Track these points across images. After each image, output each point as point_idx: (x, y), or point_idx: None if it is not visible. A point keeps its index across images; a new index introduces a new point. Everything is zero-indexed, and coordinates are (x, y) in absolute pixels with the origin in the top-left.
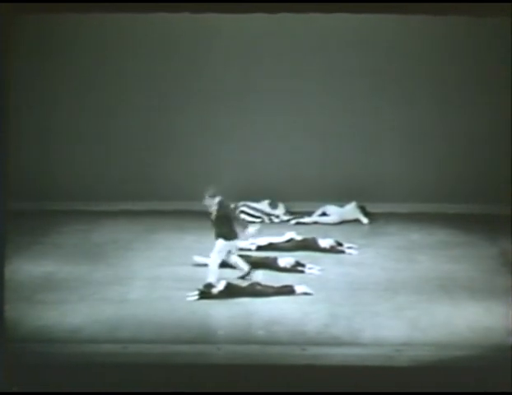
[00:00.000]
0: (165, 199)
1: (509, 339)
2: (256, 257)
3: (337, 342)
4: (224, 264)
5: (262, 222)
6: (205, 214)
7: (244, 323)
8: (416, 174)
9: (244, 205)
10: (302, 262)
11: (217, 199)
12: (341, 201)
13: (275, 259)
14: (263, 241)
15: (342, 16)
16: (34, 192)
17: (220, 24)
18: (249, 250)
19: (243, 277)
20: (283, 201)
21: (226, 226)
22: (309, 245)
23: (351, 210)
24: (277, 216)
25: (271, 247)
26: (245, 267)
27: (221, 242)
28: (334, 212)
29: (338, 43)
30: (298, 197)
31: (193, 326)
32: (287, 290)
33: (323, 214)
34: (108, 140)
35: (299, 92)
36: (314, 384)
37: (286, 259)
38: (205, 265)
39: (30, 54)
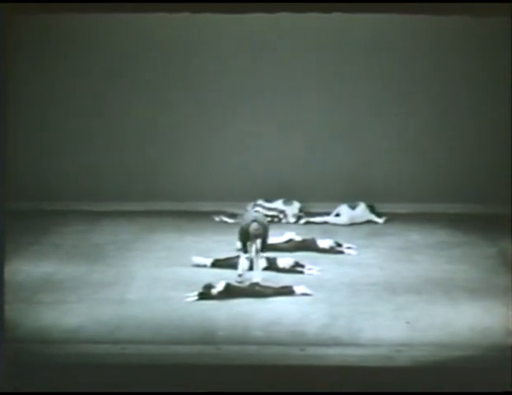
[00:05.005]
0: (165, 200)
1: (509, 339)
2: None
3: (337, 343)
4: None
5: (278, 221)
6: (205, 215)
7: (243, 324)
8: (416, 174)
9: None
10: (301, 262)
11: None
12: (340, 201)
13: (274, 260)
14: None
15: (342, 16)
16: (33, 192)
17: (220, 23)
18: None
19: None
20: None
21: None
22: (309, 246)
23: (361, 212)
24: (285, 216)
25: (270, 247)
26: (259, 276)
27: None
28: (344, 213)
29: (340, 43)
30: (298, 197)
31: (193, 326)
32: (287, 291)
33: (337, 215)
34: (108, 140)
35: (299, 92)
36: (314, 385)
37: (285, 260)
38: (204, 266)
39: (29, 54)
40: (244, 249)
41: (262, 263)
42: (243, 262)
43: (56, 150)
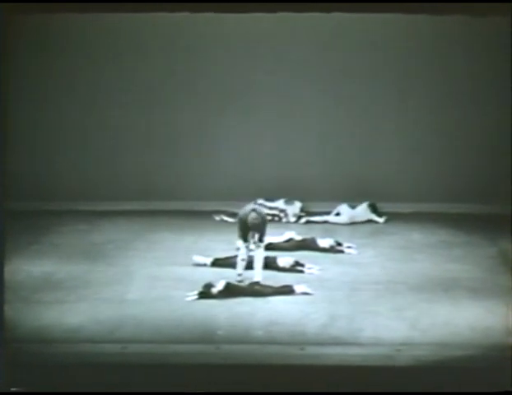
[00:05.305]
0: (165, 199)
1: (510, 338)
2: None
3: (337, 342)
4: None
5: (278, 220)
6: (205, 214)
7: (243, 323)
8: (416, 173)
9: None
10: (301, 261)
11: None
12: (341, 201)
13: (274, 259)
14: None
15: (342, 15)
16: (33, 192)
17: (220, 23)
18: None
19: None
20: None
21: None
22: (309, 245)
23: (362, 211)
24: (286, 215)
25: (270, 247)
26: (259, 275)
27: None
28: (344, 213)
29: (340, 43)
30: (298, 196)
31: (193, 326)
32: (287, 290)
33: (338, 214)
34: (108, 140)
35: (299, 92)
36: (314, 384)
37: (285, 259)
38: (204, 265)
39: (29, 54)
40: (244, 239)
41: (262, 254)
42: (241, 262)
43: (55, 150)
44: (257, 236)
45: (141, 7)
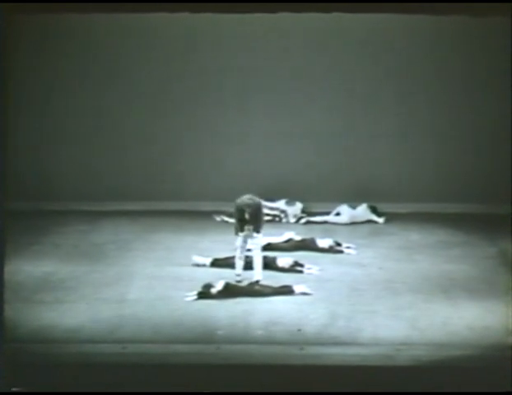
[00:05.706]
0: (165, 199)
1: (509, 338)
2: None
3: (336, 342)
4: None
5: (278, 221)
6: (205, 214)
7: (243, 323)
8: (416, 173)
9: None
10: (301, 262)
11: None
12: (341, 201)
13: (274, 259)
14: (262, 241)
15: (342, 16)
16: (33, 192)
17: (220, 23)
18: (249, 250)
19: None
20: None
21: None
22: (308, 245)
23: (362, 211)
24: (286, 216)
25: (269, 247)
26: (259, 275)
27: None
28: (345, 213)
29: (340, 43)
30: (299, 197)
31: (193, 326)
32: (286, 290)
33: (338, 214)
34: (107, 140)
35: (300, 92)
36: (313, 384)
37: (284, 259)
38: (203, 265)
39: (29, 54)
40: (241, 229)
41: (260, 254)
42: (239, 261)
43: (56, 150)
44: (252, 226)
45: (141, 7)
